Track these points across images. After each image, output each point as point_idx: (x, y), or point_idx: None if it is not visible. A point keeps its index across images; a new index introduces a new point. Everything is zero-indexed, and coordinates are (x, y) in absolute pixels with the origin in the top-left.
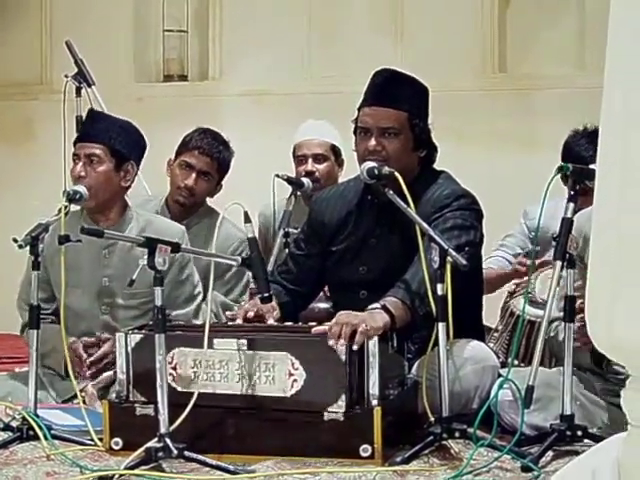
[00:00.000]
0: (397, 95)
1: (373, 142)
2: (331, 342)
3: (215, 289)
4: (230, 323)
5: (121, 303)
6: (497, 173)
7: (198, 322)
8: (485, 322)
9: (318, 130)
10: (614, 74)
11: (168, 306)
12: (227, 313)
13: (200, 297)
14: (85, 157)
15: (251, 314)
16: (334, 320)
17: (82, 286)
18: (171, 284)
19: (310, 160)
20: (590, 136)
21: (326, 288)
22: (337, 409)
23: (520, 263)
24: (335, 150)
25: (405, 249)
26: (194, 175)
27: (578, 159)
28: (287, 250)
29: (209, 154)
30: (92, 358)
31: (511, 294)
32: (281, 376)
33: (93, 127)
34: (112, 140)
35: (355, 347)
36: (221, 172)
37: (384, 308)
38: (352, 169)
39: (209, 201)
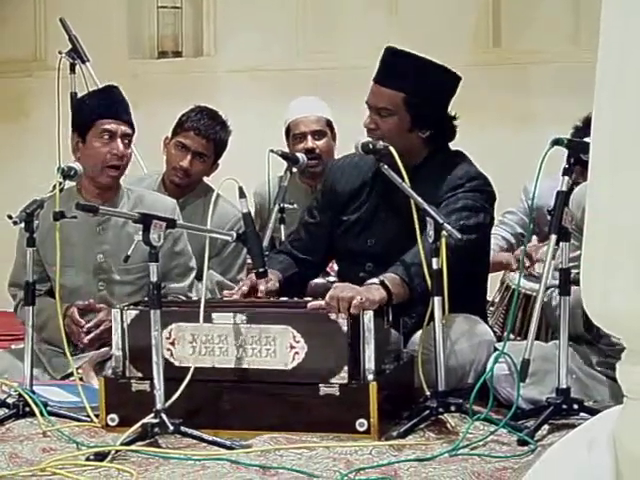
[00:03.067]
0: (395, 75)
1: (368, 120)
2: (333, 316)
3: (212, 268)
4: (226, 299)
5: (117, 279)
6: (492, 148)
7: (194, 297)
8: None
9: (312, 106)
10: (608, 48)
11: (163, 278)
12: (224, 292)
13: (194, 272)
14: (121, 136)
15: (245, 288)
16: (330, 293)
17: (76, 264)
18: (165, 257)
19: (309, 137)
20: None
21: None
22: (340, 380)
23: (515, 257)
24: (330, 125)
25: (412, 226)
26: (189, 156)
27: None
28: (282, 226)
29: (205, 135)
30: (89, 324)
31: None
32: (282, 349)
33: (123, 107)
34: (131, 120)
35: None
36: (217, 152)
37: (382, 283)
38: (345, 143)
39: (206, 178)
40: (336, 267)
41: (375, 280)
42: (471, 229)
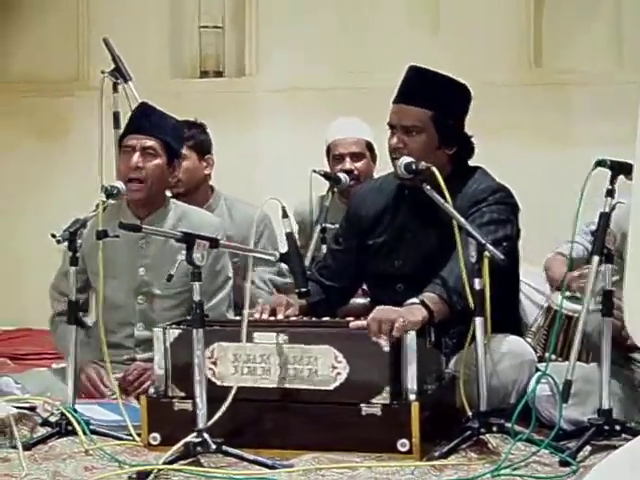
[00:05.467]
0: (421, 94)
1: (395, 140)
2: (373, 338)
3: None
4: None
5: (158, 293)
6: (532, 168)
7: (231, 313)
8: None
9: (352, 128)
10: None
11: (202, 297)
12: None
13: (231, 283)
14: (141, 149)
15: (265, 316)
16: (371, 315)
17: (119, 277)
18: (205, 275)
19: (347, 159)
20: None
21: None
22: (381, 401)
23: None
24: (370, 146)
25: (441, 243)
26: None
27: None
28: (324, 246)
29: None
30: (129, 377)
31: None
32: (324, 369)
33: (149, 120)
34: (166, 135)
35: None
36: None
37: (422, 303)
38: (386, 164)
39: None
40: None
41: (415, 300)
42: (499, 242)
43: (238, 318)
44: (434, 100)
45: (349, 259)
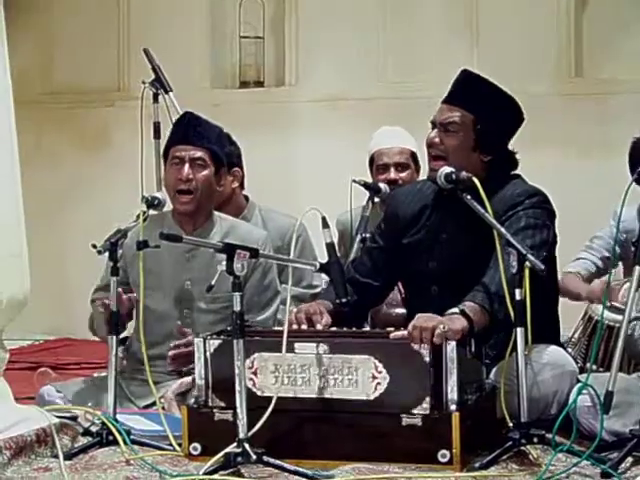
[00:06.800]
0: (466, 96)
1: (433, 134)
2: (415, 346)
3: (285, 281)
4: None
5: (203, 307)
6: (573, 178)
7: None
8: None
9: (397, 137)
10: None
11: (249, 310)
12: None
13: (279, 299)
14: (190, 160)
15: (304, 326)
16: (412, 323)
17: (163, 289)
18: (253, 288)
19: (392, 168)
20: None
21: (402, 291)
22: (422, 411)
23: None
24: (414, 157)
25: (476, 248)
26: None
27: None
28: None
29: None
30: (179, 342)
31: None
32: (364, 379)
33: (196, 131)
34: (213, 145)
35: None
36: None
37: (462, 313)
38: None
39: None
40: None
41: (455, 310)
42: (538, 247)
43: (278, 328)
44: (479, 106)
45: (385, 257)
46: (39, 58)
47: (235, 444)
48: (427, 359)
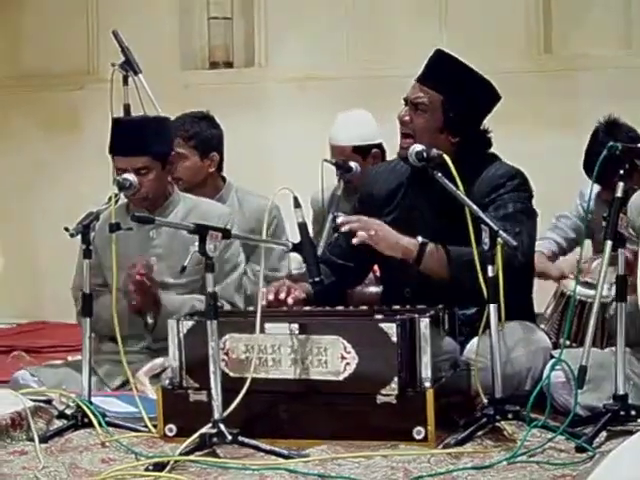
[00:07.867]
0: (437, 77)
1: (403, 112)
2: (382, 325)
3: (253, 261)
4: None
5: (170, 282)
6: (543, 154)
7: (239, 298)
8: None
9: (343, 131)
10: None
11: None
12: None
13: (240, 269)
14: (133, 170)
15: (271, 297)
16: (364, 218)
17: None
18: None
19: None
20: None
21: (377, 271)
22: (390, 392)
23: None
24: (361, 149)
25: (450, 225)
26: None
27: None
28: (336, 234)
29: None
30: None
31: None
32: (333, 360)
33: (131, 140)
34: (153, 146)
35: (354, 241)
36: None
37: (422, 244)
38: (395, 152)
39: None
40: None
41: (423, 239)
42: (528, 234)
43: (250, 309)
44: (449, 87)
45: None
46: (5, 41)
47: (210, 425)
48: (394, 339)
